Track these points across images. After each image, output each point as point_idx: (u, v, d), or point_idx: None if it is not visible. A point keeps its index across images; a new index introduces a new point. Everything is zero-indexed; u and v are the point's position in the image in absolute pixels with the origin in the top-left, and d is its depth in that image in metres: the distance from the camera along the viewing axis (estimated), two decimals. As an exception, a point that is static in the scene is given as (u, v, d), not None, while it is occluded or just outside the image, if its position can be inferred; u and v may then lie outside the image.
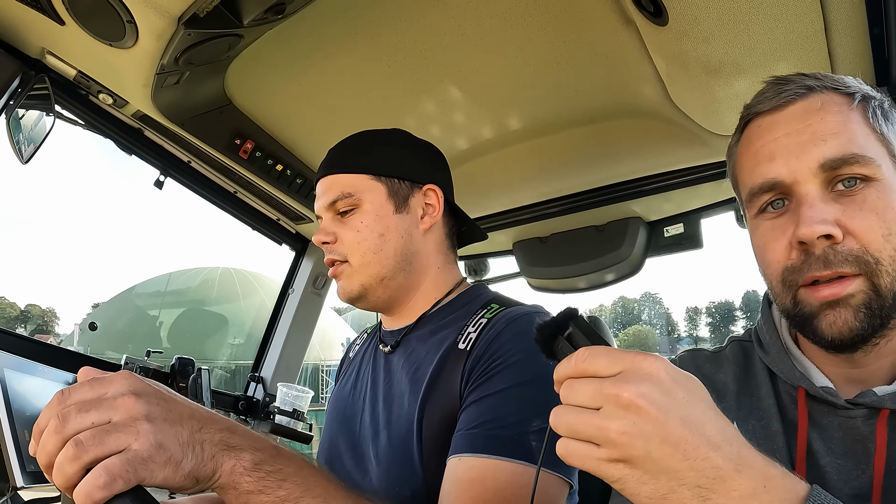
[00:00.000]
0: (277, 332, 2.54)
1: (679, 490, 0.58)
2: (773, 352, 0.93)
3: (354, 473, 1.27)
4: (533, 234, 2.32)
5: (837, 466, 0.81)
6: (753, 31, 1.24)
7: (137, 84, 1.61)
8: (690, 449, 0.57)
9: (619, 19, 1.38)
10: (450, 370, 1.19)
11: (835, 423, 0.83)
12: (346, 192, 1.30)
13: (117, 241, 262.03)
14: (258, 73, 1.72)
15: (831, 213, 0.79)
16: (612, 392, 0.58)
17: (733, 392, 0.95)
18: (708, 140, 1.71)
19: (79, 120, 1.83)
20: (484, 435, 1.07)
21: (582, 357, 0.62)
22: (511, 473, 1.02)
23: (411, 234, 1.33)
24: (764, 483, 0.58)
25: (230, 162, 1.99)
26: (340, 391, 1.48)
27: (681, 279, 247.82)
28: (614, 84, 1.63)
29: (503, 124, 1.87)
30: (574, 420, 0.61)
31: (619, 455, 0.58)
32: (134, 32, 1.38)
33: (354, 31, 1.55)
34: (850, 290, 0.79)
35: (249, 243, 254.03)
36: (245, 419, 2.41)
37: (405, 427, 1.19)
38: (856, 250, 0.78)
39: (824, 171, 0.80)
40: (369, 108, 1.79)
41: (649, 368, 0.59)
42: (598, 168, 1.98)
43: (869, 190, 0.79)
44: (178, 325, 22.77)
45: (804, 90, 0.85)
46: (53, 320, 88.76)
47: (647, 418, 0.57)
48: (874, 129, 0.81)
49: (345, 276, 1.32)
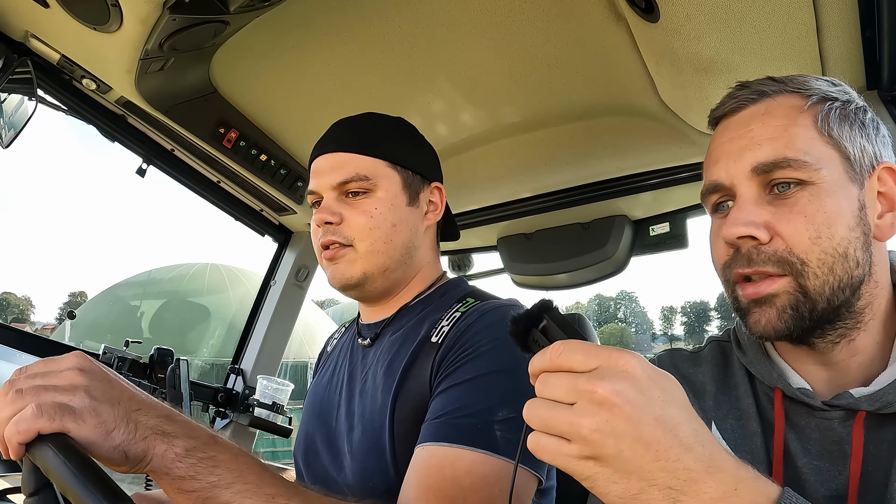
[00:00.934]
0: (258, 325, 2.52)
1: (649, 490, 0.57)
2: (751, 353, 0.94)
3: (331, 468, 1.26)
4: (518, 230, 2.31)
5: (814, 468, 0.82)
6: (745, 30, 1.23)
7: (121, 69, 1.58)
8: (662, 449, 0.57)
9: (610, 15, 1.38)
10: (421, 363, 1.19)
11: (812, 425, 0.84)
12: (363, 175, 1.26)
13: (102, 234, 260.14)
14: (244, 62, 1.70)
15: (761, 215, 0.83)
16: (586, 388, 0.58)
17: (712, 392, 0.96)
18: (696, 139, 1.71)
19: (62, 105, 1.80)
20: (447, 424, 1.06)
21: (557, 351, 0.61)
22: (471, 462, 1.02)
23: (417, 229, 1.32)
24: (735, 486, 0.58)
25: (214, 151, 1.96)
26: (317, 385, 1.46)
27: (657, 279, 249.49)
28: (603, 81, 1.62)
29: (490, 119, 1.86)
30: (547, 414, 0.60)
31: (591, 452, 0.58)
32: (118, 16, 1.36)
33: (341, 22, 1.53)
34: (773, 290, 0.82)
35: (236, 239, 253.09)
36: (224, 411, 2.39)
37: (378, 421, 1.19)
38: (780, 251, 0.82)
39: (757, 174, 0.84)
40: (355, 100, 1.78)
41: (625, 366, 0.58)
42: (585, 165, 1.97)
43: (802, 193, 0.81)
44: (163, 318, 22.68)
45: (756, 95, 0.88)
46: (29, 309, 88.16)
47: (621, 416, 0.57)
48: (822, 133, 0.83)
49: (346, 260, 1.26)
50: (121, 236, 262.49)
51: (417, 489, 1.03)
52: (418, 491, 1.02)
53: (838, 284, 0.81)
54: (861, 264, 0.82)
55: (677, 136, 1.73)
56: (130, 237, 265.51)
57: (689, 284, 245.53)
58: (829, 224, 0.80)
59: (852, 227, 0.81)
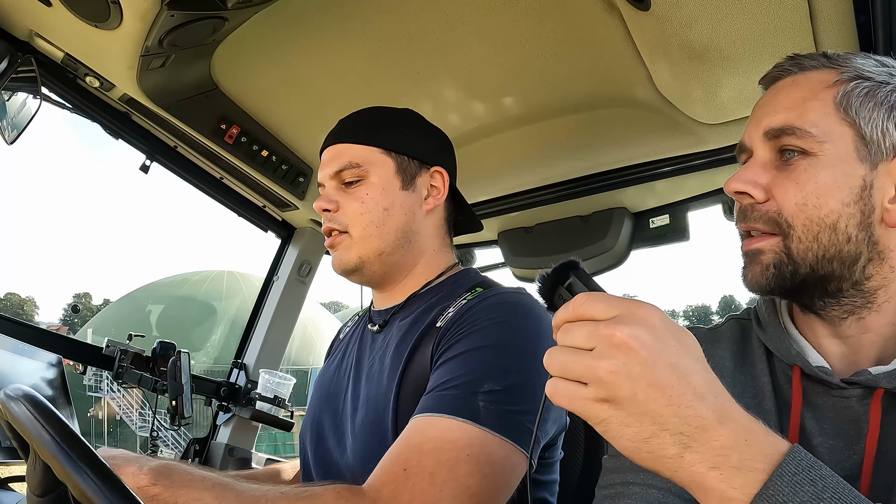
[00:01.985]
0: (261, 319, 2.53)
1: (661, 435, 0.59)
2: (770, 329, 0.94)
3: (335, 451, 1.29)
4: (518, 223, 2.32)
5: (829, 447, 0.81)
6: (737, 16, 1.25)
7: (123, 66, 1.60)
8: (676, 395, 0.59)
9: (603, 5, 1.39)
10: (425, 346, 1.22)
11: (829, 404, 0.84)
12: (354, 163, 1.31)
13: (104, 235, 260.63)
14: (244, 58, 1.72)
15: (764, 177, 0.87)
16: (605, 332, 0.60)
17: (729, 369, 0.96)
18: (693, 129, 1.71)
19: (66, 103, 1.82)
20: (435, 396, 1.10)
21: (580, 301, 0.63)
22: (442, 429, 1.04)
23: (414, 213, 1.35)
24: (745, 437, 0.59)
25: (216, 147, 1.98)
26: (326, 370, 1.49)
27: (660, 278, 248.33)
28: (599, 72, 1.63)
29: (488, 112, 1.87)
30: (566, 359, 0.62)
31: (606, 395, 0.59)
32: (118, 13, 1.37)
33: (340, 17, 1.55)
34: (761, 246, 0.87)
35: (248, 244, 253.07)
36: (227, 405, 2.41)
37: (382, 403, 1.21)
38: (770, 212, 0.86)
39: (768, 139, 0.88)
40: (355, 95, 1.79)
41: (644, 314, 0.61)
42: (584, 157, 1.98)
43: (801, 162, 0.85)
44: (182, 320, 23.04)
45: (794, 67, 0.91)
46: (33, 310, 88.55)
47: (637, 359, 0.58)
48: (839, 109, 0.84)
49: (343, 246, 1.32)
50: (126, 238, 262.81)
51: (384, 457, 1.07)
52: (384, 458, 1.06)
53: (823, 254, 0.83)
54: (854, 241, 0.83)
55: (675, 127, 1.73)
56: (138, 240, 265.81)
57: (690, 286, 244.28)
58: (819, 194, 0.82)
59: (847, 202, 0.82)
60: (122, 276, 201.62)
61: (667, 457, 0.59)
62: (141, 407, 22.91)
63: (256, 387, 2.39)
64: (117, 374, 1.93)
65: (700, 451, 0.59)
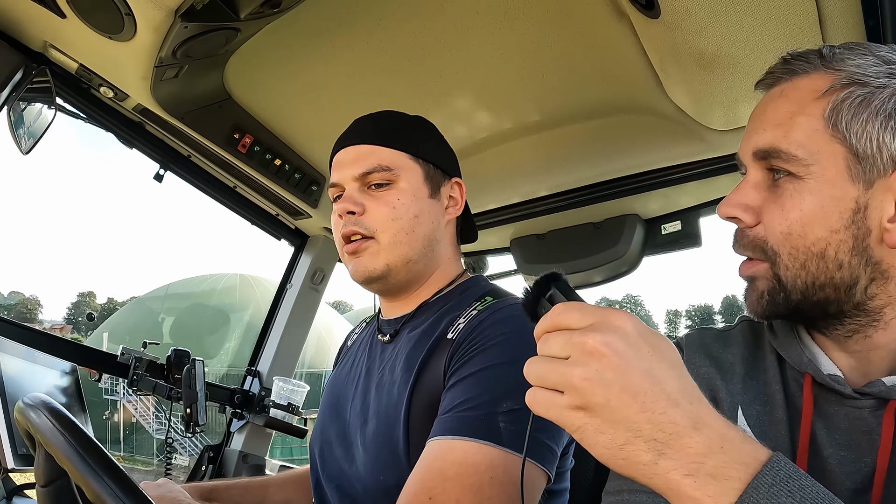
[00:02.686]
0: (275, 327, 2.55)
1: (635, 442, 0.59)
2: (782, 335, 0.91)
3: (342, 461, 1.28)
4: (530, 230, 2.32)
5: (840, 458, 0.79)
6: (746, 23, 1.24)
7: (137, 77, 1.62)
8: (649, 401, 0.59)
9: (612, 13, 1.39)
10: (437, 359, 1.20)
11: (841, 413, 0.82)
12: (385, 166, 1.28)
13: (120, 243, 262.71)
14: (257, 68, 1.73)
15: (754, 199, 0.85)
16: (578, 340, 0.60)
17: (740, 374, 0.94)
18: (704, 135, 1.71)
19: (81, 113, 1.84)
20: (453, 417, 1.08)
21: (557, 312, 0.65)
22: (463, 452, 1.03)
23: (439, 222, 1.34)
24: (721, 444, 0.58)
25: (229, 156, 1.99)
26: (335, 378, 1.49)
27: (664, 282, 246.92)
28: (610, 79, 1.63)
29: (500, 121, 1.88)
30: (542, 368, 0.63)
31: (580, 402, 0.60)
32: (132, 25, 1.39)
33: (351, 27, 1.56)
34: (752, 273, 0.86)
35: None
36: (241, 412, 2.43)
37: (393, 415, 1.20)
38: (758, 239, 0.84)
39: (757, 159, 0.85)
40: (367, 104, 1.78)
41: (617, 322, 0.61)
42: (595, 164, 1.98)
43: (787, 185, 0.81)
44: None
45: (785, 74, 0.85)
46: (37, 308, 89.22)
47: (609, 366, 0.59)
48: (828, 125, 0.78)
49: (369, 253, 1.28)
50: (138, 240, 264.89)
51: (407, 483, 1.05)
52: (408, 484, 1.05)
53: (812, 282, 0.80)
54: (846, 267, 0.79)
55: (686, 134, 1.73)
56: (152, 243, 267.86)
57: (695, 287, 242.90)
58: (804, 223, 0.79)
59: (836, 229, 0.78)
60: (126, 278, 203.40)
61: (641, 463, 0.59)
62: (157, 410, 23.06)
63: (270, 394, 2.40)
64: (132, 382, 1.95)
65: (674, 457, 0.58)
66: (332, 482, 1.29)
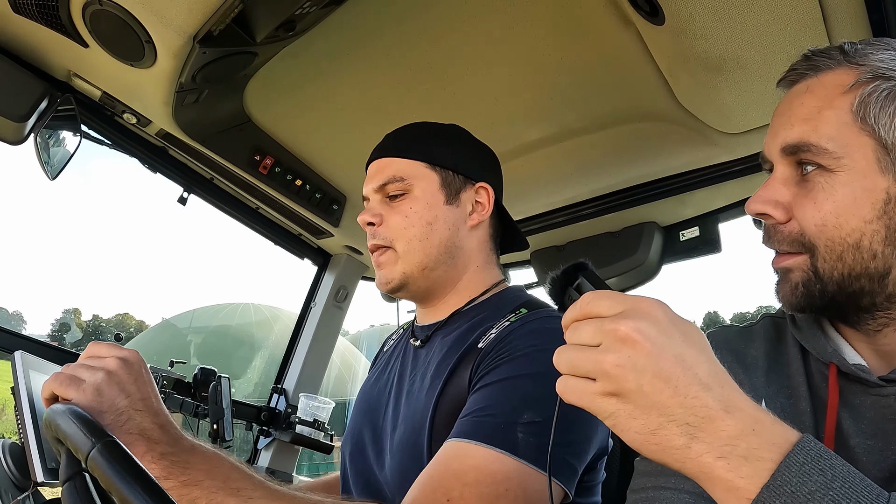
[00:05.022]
0: (300, 345, 2.58)
1: (668, 426, 0.59)
2: (806, 328, 0.91)
3: (374, 466, 1.28)
4: (549, 242, 2.33)
5: (867, 447, 0.79)
6: (749, 24, 1.25)
7: (159, 102, 1.66)
8: (681, 386, 0.59)
9: (619, 22, 1.41)
10: (465, 367, 1.20)
11: (867, 403, 0.81)
12: (399, 176, 1.31)
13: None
14: (275, 90, 1.77)
15: (784, 195, 0.85)
16: (610, 328, 0.61)
17: (763, 368, 0.94)
18: (717, 140, 1.71)
19: (105, 139, 1.89)
20: (472, 421, 1.07)
21: (586, 300, 0.65)
22: (482, 459, 1.02)
23: (458, 228, 1.34)
24: (753, 426, 0.59)
25: (251, 178, 2.03)
26: (368, 383, 1.49)
27: (667, 291, 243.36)
28: (621, 88, 1.65)
29: (516, 134, 1.90)
30: (574, 356, 0.64)
31: (613, 388, 0.61)
32: (152, 52, 1.43)
33: (365, 48, 1.60)
34: (789, 265, 0.85)
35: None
36: (267, 429, 2.45)
37: (419, 422, 1.20)
38: (794, 234, 0.84)
39: (786, 154, 0.84)
40: (385, 122, 1.81)
41: (648, 308, 0.62)
42: (611, 173, 1.99)
43: (818, 179, 0.81)
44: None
45: (809, 70, 0.87)
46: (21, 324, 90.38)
47: (642, 352, 0.60)
48: (856, 118, 0.80)
49: (388, 262, 1.32)
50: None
51: (421, 478, 1.05)
52: (421, 479, 1.05)
53: (849, 273, 0.80)
54: (880, 256, 0.79)
55: (698, 139, 1.74)
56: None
57: (678, 304, 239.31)
58: (838, 214, 0.79)
59: (869, 219, 0.79)
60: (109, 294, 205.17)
61: (674, 448, 0.60)
62: (184, 427, 23.17)
63: (296, 411, 2.42)
64: (160, 400, 1.97)
65: (707, 441, 0.59)
66: (362, 486, 1.29)
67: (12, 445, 1.31)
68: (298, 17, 1.35)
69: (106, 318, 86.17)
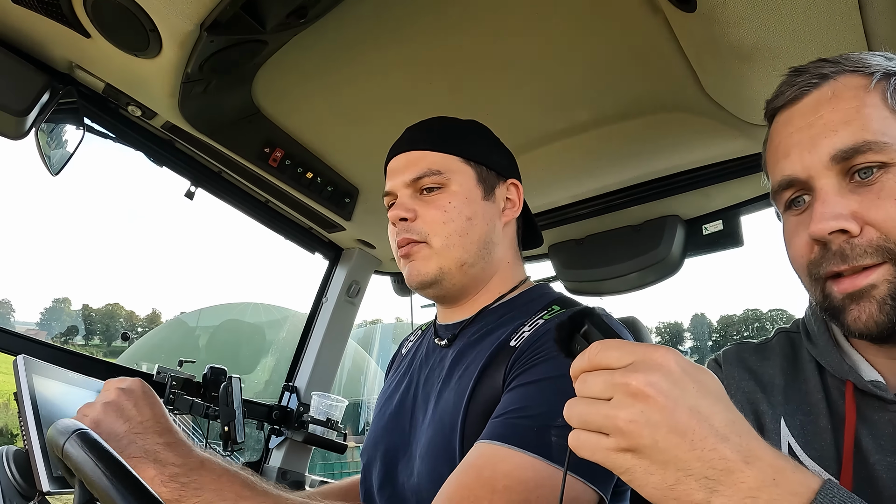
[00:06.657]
0: (311, 341, 2.54)
1: (686, 481, 0.57)
2: (821, 344, 0.90)
3: (402, 472, 1.24)
4: (568, 236, 2.29)
5: (887, 464, 0.78)
6: (784, 11, 1.20)
7: (164, 94, 1.61)
8: (698, 439, 0.57)
9: (647, 9, 1.35)
10: (497, 366, 1.16)
11: (885, 419, 0.81)
12: (435, 170, 1.27)
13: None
14: (286, 81, 1.72)
15: (847, 206, 0.78)
16: (621, 381, 0.59)
17: (780, 386, 0.93)
18: (745, 130, 1.66)
19: (109, 133, 1.84)
20: (505, 423, 1.04)
21: (595, 350, 0.63)
22: (515, 465, 0.99)
23: (494, 224, 1.31)
24: (773, 476, 0.57)
25: (260, 171, 1.99)
26: (389, 388, 1.45)
27: (629, 299, 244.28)
28: (645, 77, 1.60)
29: (535, 125, 1.85)
30: (585, 410, 0.62)
31: (627, 444, 0.59)
32: (157, 41, 1.38)
33: (379, 37, 1.54)
34: (872, 281, 0.78)
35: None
36: (279, 428, 2.42)
37: (450, 423, 1.16)
38: (875, 240, 0.77)
39: (837, 162, 0.79)
40: (399, 114, 1.77)
41: (660, 359, 0.60)
42: (633, 165, 1.94)
43: (888, 176, 0.77)
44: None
45: (817, 79, 0.83)
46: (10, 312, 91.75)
47: (655, 407, 0.58)
48: (893, 110, 0.78)
49: (421, 257, 1.26)
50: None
51: (450, 484, 1.01)
52: (451, 485, 1.01)
53: None
54: None
55: (725, 130, 1.69)
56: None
57: (664, 306, 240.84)
58: None
59: None
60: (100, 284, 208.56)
61: (694, 502, 0.57)
62: (194, 427, 23.48)
63: (308, 409, 2.38)
64: (168, 401, 1.93)
65: (727, 494, 0.57)
66: (388, 496, 1.25)
67: (16, 452, 1.27)
68: (310, 5, 1.31)
69: (96, 307, 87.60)
